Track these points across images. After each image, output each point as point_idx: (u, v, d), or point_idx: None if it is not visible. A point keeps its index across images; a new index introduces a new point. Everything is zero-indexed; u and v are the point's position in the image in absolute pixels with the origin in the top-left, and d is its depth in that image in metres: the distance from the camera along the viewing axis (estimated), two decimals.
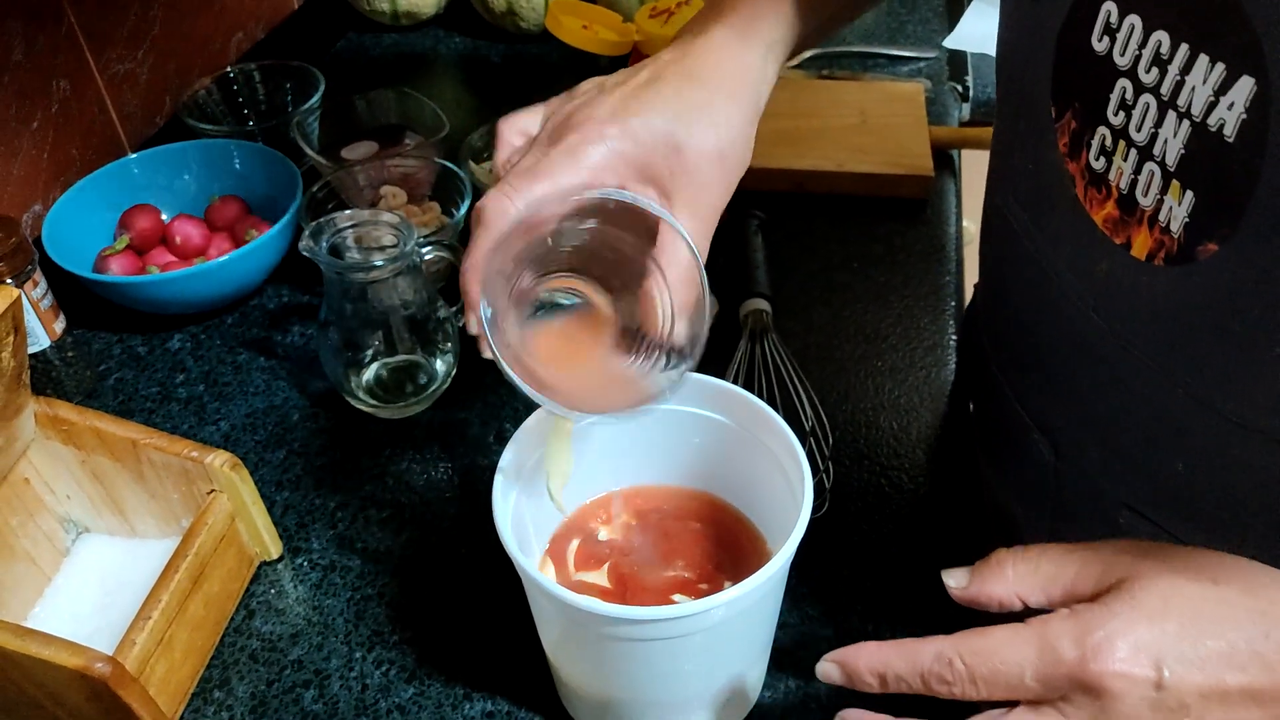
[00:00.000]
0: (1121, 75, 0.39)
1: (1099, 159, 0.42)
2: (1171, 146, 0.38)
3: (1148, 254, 0.40)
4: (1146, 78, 0.38)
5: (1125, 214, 0.41)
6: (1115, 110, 0.40)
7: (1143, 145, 0.39)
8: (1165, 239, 0.39)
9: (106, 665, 0.47)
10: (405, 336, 0.70)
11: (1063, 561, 0.39)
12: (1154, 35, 0.37)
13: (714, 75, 0.49)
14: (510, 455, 0.49)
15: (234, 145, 0.86)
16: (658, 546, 0.53)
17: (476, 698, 0.54)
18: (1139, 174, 0.40)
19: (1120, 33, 0.39)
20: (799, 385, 0.69)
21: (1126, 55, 0.39)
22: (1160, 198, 0.39)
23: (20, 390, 0.54)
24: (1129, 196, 0.41)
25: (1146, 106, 0.38)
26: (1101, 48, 0.40)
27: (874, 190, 0.89)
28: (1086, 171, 0.43)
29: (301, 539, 0.63)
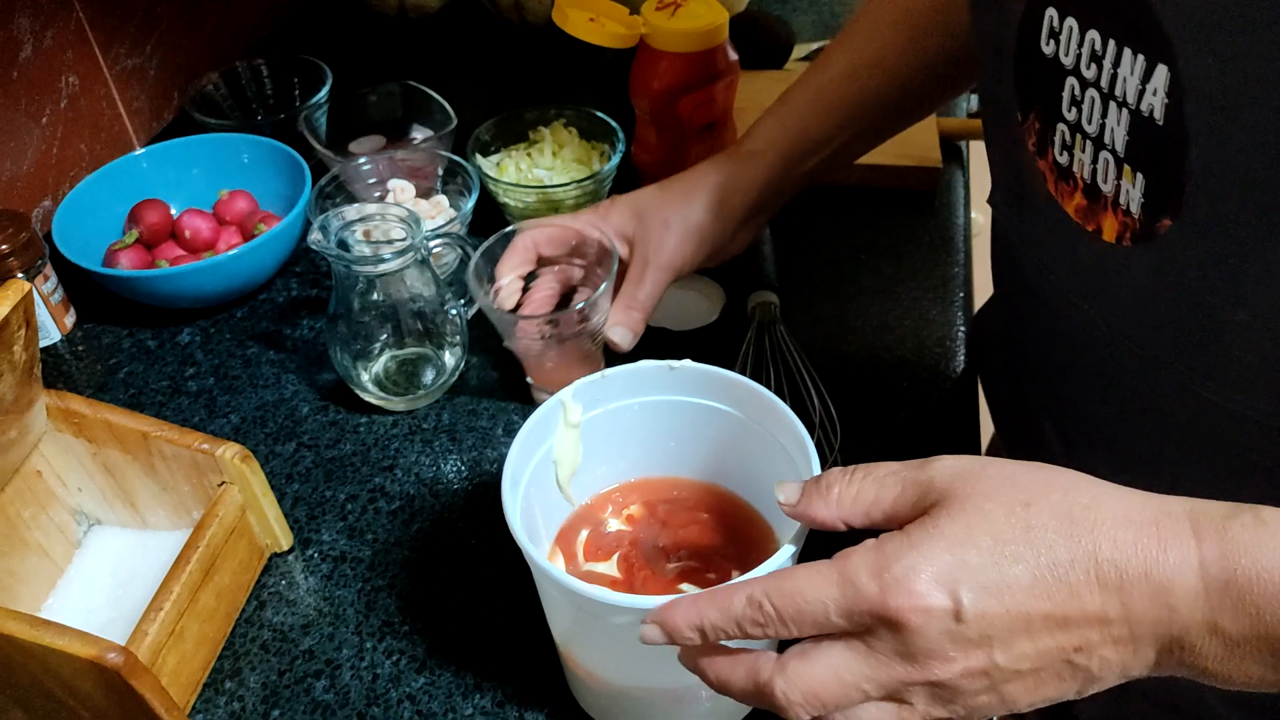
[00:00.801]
0: (1069, 74, 0.42)
1: (1063, 154, 0.44)
2: (1118, 134, 0.40)
3: (1116, 236, 0.42)
4: (1088, 74, 0.41)
5: (1092, 202, 0.43)
6: (1069, 107, 0.42)
7: (1095, 136, 0.41)
8: (1128, 220, 0.41)
9: (119, 655, 0.48)
10: (414, 329, 0.70)
11: (884, 484, 0.38)
12: (1089, 34, 0.40)
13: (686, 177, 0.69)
14: (519, 447, 0.49)
15: (242, 140, 0.86)
16: (666, 537, 0.53)
17: (487, 687, 0.55)
18: (1097, 163, 0.42)
19: (1063, 35, 0.41)
20: (807, 377, 0.69)
21: (1069, 55, 0.41)
22: (1118, 182, 0.41)
23: (32, 383, 0.54)
24: (1092, 185, 0.43)
25: (1093, 100, 0.41)
26: (1050, 50, 0.42)
27: (882, 182, 0.89)
28: (1054, 167, 0.45)
29: (312, 530, 0.64)
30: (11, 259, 0.72)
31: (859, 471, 0.39)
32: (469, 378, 0.73)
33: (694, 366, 0.52)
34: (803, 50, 1.09)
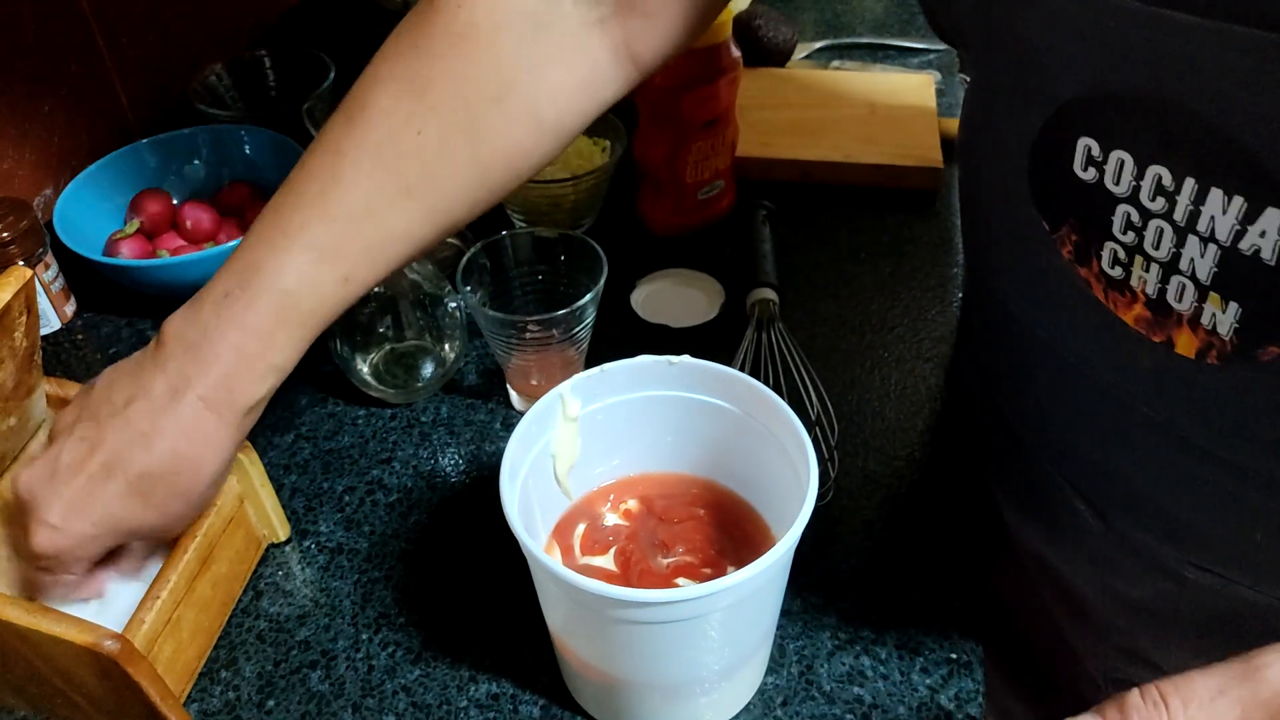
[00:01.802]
0: (1121, 201, 0.37)
1: (1114, 268, 0.39)
2: (1201, 265, 0.36)
3: (1197, 352, 0.38)
4: (1153, 205, 0.36)
5: (1159, 315, 0.39)
6: (1122, 230, 0.38)
7: (1165, 261, 0.37)
8: (1214, 339, 0.37)
9: (115, 643, 0.48)
10: (413, 322, 0.70)
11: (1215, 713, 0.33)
12: (1150, 169, 0.36)
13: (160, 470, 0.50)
14: (517, 440, 0.49)
15: (244, 131, 0.86)
16: (663, 532, 0.53)
17: (482, 679, 0.55)
18: (1166, 284, 0.37)
19: (1108, 165, 0.37)
20: (805, 374, 0.69)
21: (1122, 185, 0.37)
22: (1198, 305, 0.37)
23: (32, 370, 0.54)
24: (1159, 301, 0.38)
25: (1160, 230, 0.36)
26: (1089, 177, 0.38)
27: (883, 181, 0.89)
28: (1102, 277, 0.40)
29: (309, 522, 0.64)
30: (12, 246, 0.72)
31: (1173, 699, 0.33)
32: (468, 371, 0.73)
33: (692, 362, 0.52)
34: (805, 49, 1.09)
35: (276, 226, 0.50)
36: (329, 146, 0.51)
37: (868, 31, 1.13)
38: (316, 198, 0.50)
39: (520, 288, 0.69)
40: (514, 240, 0.68)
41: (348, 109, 0.51)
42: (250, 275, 0.49)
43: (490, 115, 0.51)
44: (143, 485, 0.49)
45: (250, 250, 0.50)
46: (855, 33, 1.12)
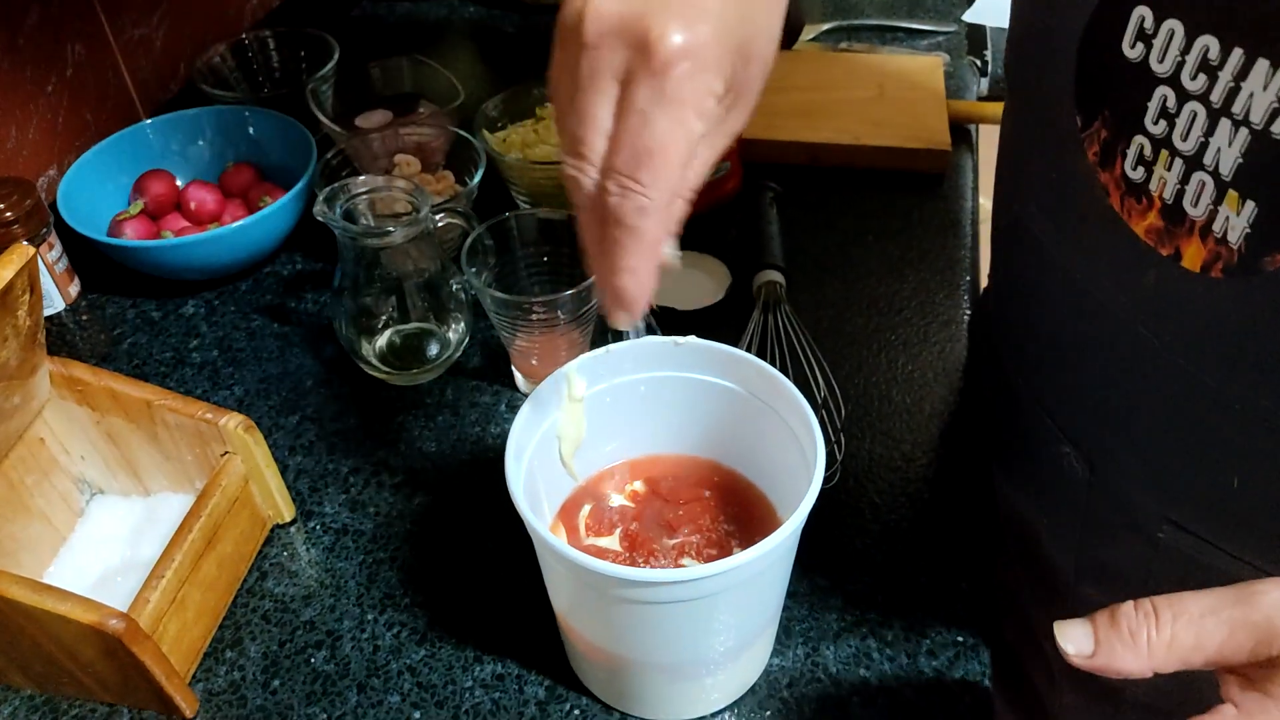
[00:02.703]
0: (1161, 83, 0.37)
1: (1136, 169, 0.39)
2: (1226, 155, 0.35)
3: (1202, 265, 0.38)
4: (1192, 85, 0.36)
5: (1171, 224, 0.38)
6: (1155, 119, 0.37)
7: (1190, 155, 0.37)
8: (1222, 250, 0.37)
9: (120, 621, 0.48)
10: (418, 304, 0.70)
11: (1204, 627, 0.34)
12: (1199, 40, 0.35)
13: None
14: (523, 420, 0.49)
15: (248, 112, 0.86)
16: (669, 513, 0.53)
17: (487, 660, 0.55)
18: (1186, 184, 0.37)
19: (1157, 38, 0.36)
20: (812, 357, 0.68)
21: (1166, 61, 0.36)
22: (1214, 208, 0.37)
23: (36, 349, 0.54)
24: (1175, 206, 0.38)
25: (1193, 115, 0.36)
26: (1135, 54, 0.37)
27: (890, 164, 0.89)
28: (1122, 181, 0.40)
29: (314, 503, 0.64)
30: (16, 226, 0.72)
31: (1164, 612, 0.34)
32: (472, 353, 0.73)
33: (699, 343, 0.52)
34: (813, 30, 1.08)
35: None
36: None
37: (876, 13, 1.12)
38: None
39: (526, 270, 0.69)
40: (519, 221, 0.67)
41: None
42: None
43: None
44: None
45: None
46: (863, 14, 1.11)
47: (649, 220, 0.37)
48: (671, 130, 0.36)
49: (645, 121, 0.36)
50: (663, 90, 0.36)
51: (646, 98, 0.36)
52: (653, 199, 0.37)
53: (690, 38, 0.36)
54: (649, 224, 0.37)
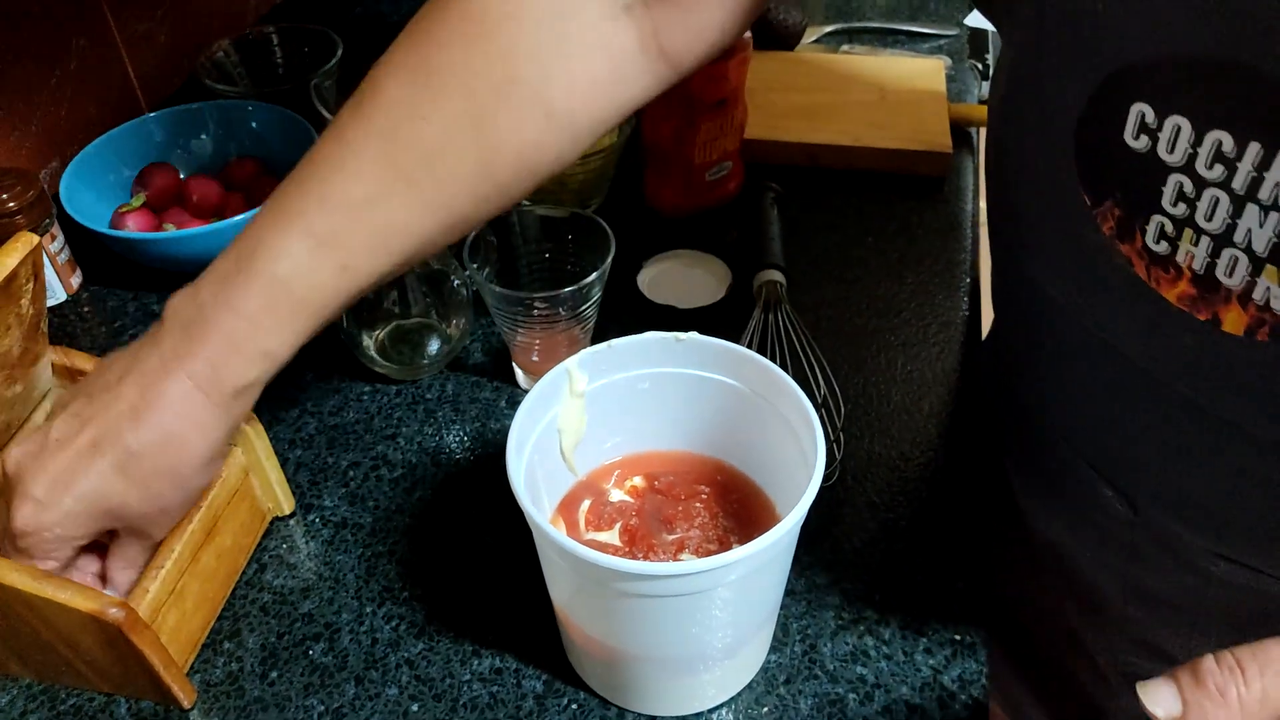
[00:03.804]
0: (1174, 171, 0.36)
1: (1159, 243, 0.38)
2: (1258, 235, 0.35)
3: (1245, 330, 0.37)
4: (1209, 174, 0.35)
5: (1206, 292, 0.37)
6: (1173, 201, 0.36)
7: (1218, 234, 0.36)
8: (1266, 315, 0.36)
9: (120, 611, 0.48)
10: (420, 298, 0.70)
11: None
12: (1210, 135, 0.34)
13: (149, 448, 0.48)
14: (524, 413, 0.49)
15: (251, 106, 0.86)
16: (668, 509, 0.53)
17: (485, 654, 0.55)
18: (1217, 258, 0.36)
19: (1163, 132, 0.35)
20: (812, 356, 0.69)
21: (1177, 153, 0.35)
22: (1251, 280, 0.36)
23: (38, 338, 0.54)
24: (1207, 277, 0.37)
25: (1215, 200, 0.35)
26: (1140, 145, 0.36)
27: (891, 166, 0.89)
28: (1145, 252, 0.39)
29: (314, 496, 0.64)
30: (19, 217, 0.72)
31: (1250, 666, 0.32)
32: (473, 349, 0.73)
33: (700, 339, 0.52)
34: (815, 33, 1.08)
35: (277, 211, 0.50)
36: (336, 134, 0.50)
37: (878, 16, 1.12)
38: (318, 184, 0.49)
39: (527, 266, 0.69)
40: (522, 218, 0.68)
41: (358, 96, 0.51)
42: (246, 259, 0.49)
43: (496, 106, 0.49)
44: (129, 462, 0.48)
45: (251, 235, 0.50)
46: (866, 17, 1.12)
47: None
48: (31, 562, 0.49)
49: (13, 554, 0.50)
50: (17, 545, 0.49)
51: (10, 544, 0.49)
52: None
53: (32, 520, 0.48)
54: None
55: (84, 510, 0.49)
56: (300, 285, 0.49)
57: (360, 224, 0.49)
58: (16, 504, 0.48)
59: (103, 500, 0.49)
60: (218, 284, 0.49)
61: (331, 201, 0.49)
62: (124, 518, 0.50)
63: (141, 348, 0.50)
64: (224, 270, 0.50)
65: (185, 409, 0.48)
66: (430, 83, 0.49)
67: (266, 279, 0.48)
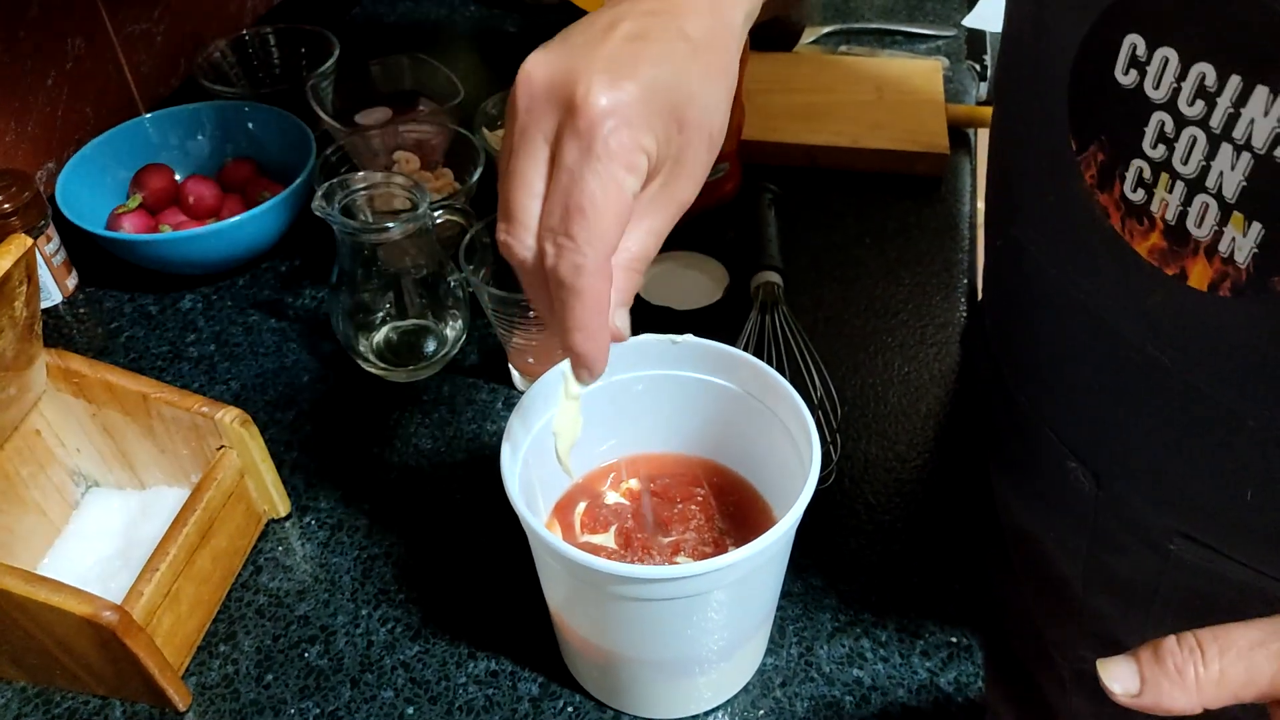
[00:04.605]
0: (1157, 108, 0.36)
1: (1136, 191, 0.39)
2: (1229, 179, 0.35)
3: (1209, 284, 0.38)
4: (1190, 110, 0.35)
5: (1175, 244, 0.38)
6: (1153, 143, 0.37)
7: (1191, 178, 0.36)
8: (1229, 269, 0.37)
9: (114, 614, 0.48)
10: (416, 300, 0.70)
11: (1254, 663, 0.32)
12: (1195, 67, 0.35)
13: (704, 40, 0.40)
14: (519, 416, 0.49)
15: (248, 107, 0.86)
16: (664, 511, 0.53)
17: (480, 656, 0.55)
18: (1189, 205, 0.37)
19: (1151, 65, 0.36)
20: (808, 357, 0.69)
21: (1162, 88, 0.36)
22: (1219, 229, 0.36)
23: (33, 340, 0.54)
24: (1178, 227, 0.38)
25: (1193, 139, 0.36)
26: (1128, 81, 0.37)
27: (889, 167, 0.89)
28: (1122, 203, 0.40)
29: (310, 498, 0.64)
30: (14, 218, 0.72)
31: (1210, 646, 0.33)
32: (470, 351, 0.73)
33: (696, 341, 0.52)
34: (813, 34, 1.08)
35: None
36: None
37: (876, 17, 1.12)
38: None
39: None
40: None
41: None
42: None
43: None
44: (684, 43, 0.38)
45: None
46: (863, 18, 1.12)
47: (588, 279, 0.37)
48: (602, 186, 0.36)
49: (574, 179, 0.36)
50: (590, 148, 0.36)
51: (575, 157, 0.36)
52: (588, 255, 0.37)
53: (615, 97, 0.36)
54: (588, 282, 0.37)
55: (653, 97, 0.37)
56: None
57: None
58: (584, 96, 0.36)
59: (671, 87, 0.38)
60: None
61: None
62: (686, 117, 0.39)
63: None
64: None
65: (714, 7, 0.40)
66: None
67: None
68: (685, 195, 0.41)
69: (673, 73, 0.38)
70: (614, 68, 0.37)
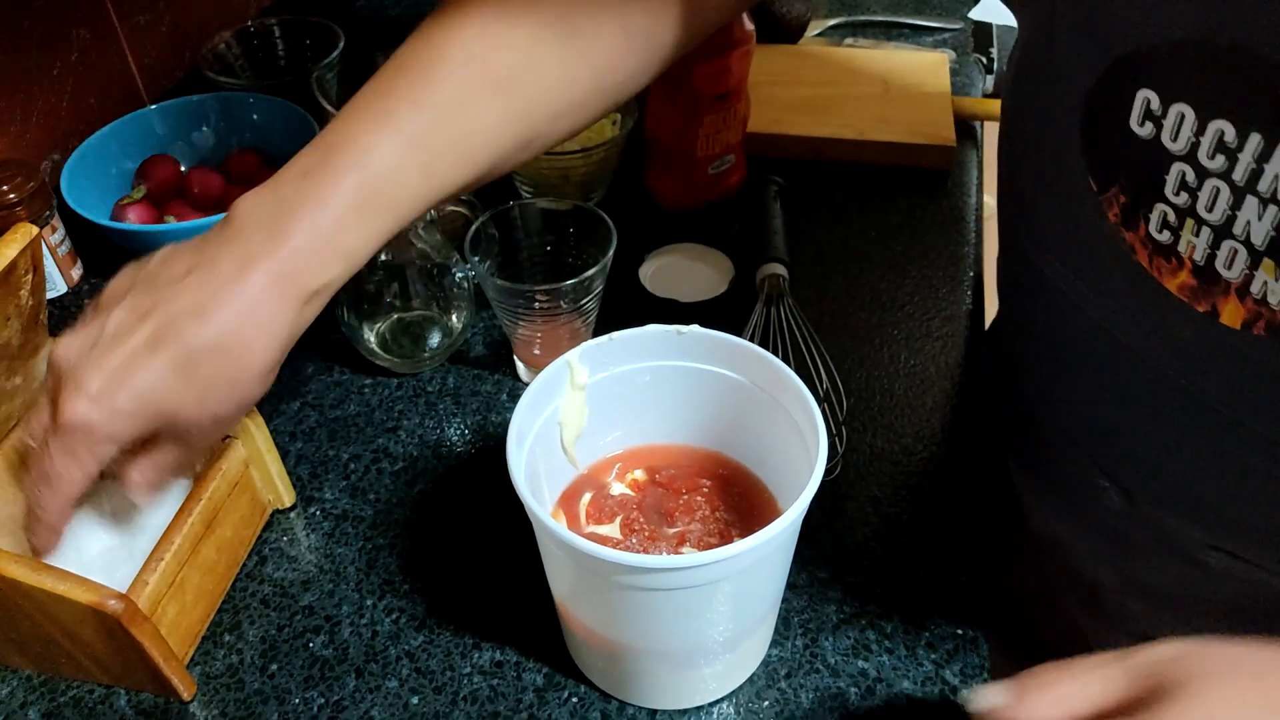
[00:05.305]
0: (1177, 159, 0.36)
1: (1162, 232, 0.38)
2: (1257, 228, 0.35)
3: (1242, 323, 0.37)
4: (1211, 164, 0.35)
5: (1205, 283, 0.38)
6: (1175, 190, 0.37)
7: (1218, 225, 0.36)
8: (1263, 310, 0.36)
9: (119, 602, 0.48)
10: (421, 291, 0.69)
11: (1109, 678, 0.36)
12: (1212, 124, 0.35)
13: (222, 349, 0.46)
14: (525, 406, 0.49)
15: (253, 98, 0.86)
16: (669, 502, 0.53)
17: (485, 647, 0.55)
18: (1217, 249, 0.37)
19: (1167, 120, 0.36)
20: (814, 350, 0.68)
21: (1180, 141, 0.36)
22: (1249, 273, 0.36)
23: (38, 330, 0.54)
24: (1207, 268, 0.37)
25: (1216, 190, 0.36)
26: (1145, 133, 0.37)
27: (895, 160, 0.89)
28: (1149, 241, 0.39)
29: (314, 488, 0.64)
30: (19, 208, 0.72)
31: (1077, 667, 0.37)
32: (475, 342, 0.73)
33: (702, 332, 0.52)
34: (819, 26, 1.08)
35: (363, 112, 0.49)
36: (423, 41, 0.50)
37: (882, 9, 1.12)
38: (406, 87, 0.49)
39: (529, 259, 0.69)
40: (523, 211, 0.67)
41: (441, 11, 0.51)
42: (332, 154, 0.47)
43: (580, 19, 0.51)
44: (189, 362, 0.45)
45: (334, 133, 0.48)
46: (870, 10, 1.11)
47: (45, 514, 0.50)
48: (66, 466, 0.47)
49: (49, 455, 0.47)
50: (61, 441, 0.46)
51: (53, 440, 0.46)
52: (46, 508, 0.49)
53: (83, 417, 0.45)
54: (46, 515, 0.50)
55: (137, 410, 0.45)
56: (387, 184, 0.48)
57: (448, 127, 0.49)
58: (67, 398, 0.45)
59: (158, 402, 0.46)
60: (300, 180, 0.47)
61: (420, 103, 0.49)
62: (175, 422, 0.47)
63: (209, 243, 0.47)
64: (306, 166, 0.48)
65: (255, 310, 0.46)
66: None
67: (354, 176, 0.47)
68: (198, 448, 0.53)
69: (158, 389, 0.45)
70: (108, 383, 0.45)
